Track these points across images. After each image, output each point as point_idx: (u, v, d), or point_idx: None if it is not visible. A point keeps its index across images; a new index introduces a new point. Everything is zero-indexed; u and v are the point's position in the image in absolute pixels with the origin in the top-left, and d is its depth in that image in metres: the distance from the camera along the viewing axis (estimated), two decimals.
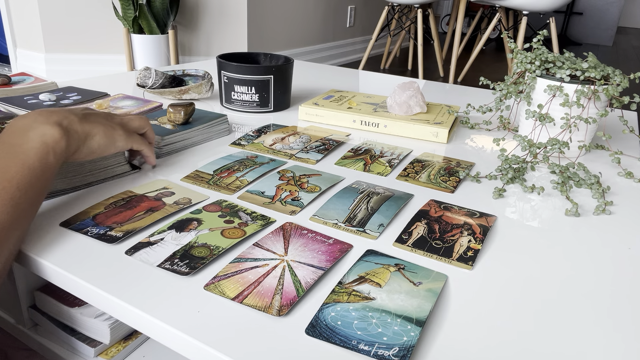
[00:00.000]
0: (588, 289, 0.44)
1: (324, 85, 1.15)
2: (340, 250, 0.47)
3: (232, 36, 2.70)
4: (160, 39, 2.40)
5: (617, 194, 0.66)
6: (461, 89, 1.19)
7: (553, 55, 0.77)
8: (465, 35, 3.86)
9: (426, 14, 3.27)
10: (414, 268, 0.46)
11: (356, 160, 0.71)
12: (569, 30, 5.74)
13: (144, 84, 0.93)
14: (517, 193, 0.64)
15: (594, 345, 0.38)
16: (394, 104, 0.86)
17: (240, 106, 0.91)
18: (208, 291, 0.41)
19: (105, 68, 2.58)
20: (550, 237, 0.53)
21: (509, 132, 0.88)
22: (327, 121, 0.87)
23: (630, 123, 0.90)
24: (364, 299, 0.40)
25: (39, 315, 0.62)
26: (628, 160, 0.78)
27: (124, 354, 0.61)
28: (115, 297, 0.40)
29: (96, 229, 0.49)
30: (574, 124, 0.74)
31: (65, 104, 0.83)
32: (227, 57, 0.94)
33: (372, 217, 0.54)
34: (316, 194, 0.59)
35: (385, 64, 3.61)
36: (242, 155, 0.70)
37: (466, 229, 0.53)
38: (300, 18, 3.14)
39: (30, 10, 2.45)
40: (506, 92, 0.80)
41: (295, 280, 0.42)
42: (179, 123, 0.72)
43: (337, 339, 0.36)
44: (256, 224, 0.51)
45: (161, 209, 0.53)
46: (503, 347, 0.37)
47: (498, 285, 0.44)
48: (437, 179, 0.66)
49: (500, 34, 4.45)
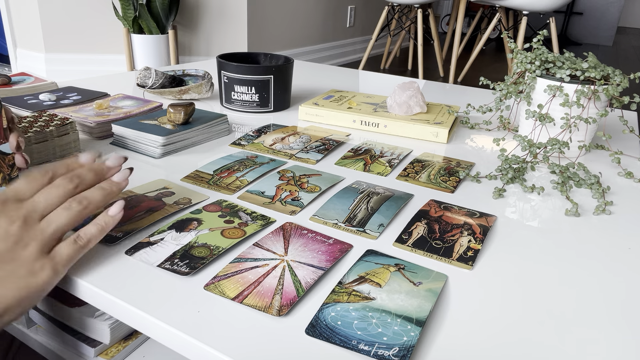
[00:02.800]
0: (588, 289, 0.44)
1: (324, 85, 1.15)
2: (340, 250, 0.47)
3: (232, 36, 2.70)
4: (160, 39, 2.40)
5: (617, 194, 0.66)
6: (461, 89, 1.19)
7: (553, 55, 0.77)
8: (465, 35, 3.86)
9: (426, 14, 3.27)
10: (414, 268, 0.46)
11: (356, 160, 0.71)
12: (569, 30, 5.74)
13: (144, 84, 0.93)
14: (517, 193, 0.64)
15: (593, 344, 0.38)
16: (394, 104, 0.86)
17: (240, 106, 0.91)
18: (208, 291, 0.41)
19: (105, 68, 2.58)
20: (550, 237, 0.53)
21: (509, 132, 0.88)
22: (327, 121, 0.87)
23: (630, 123, 0.90)
24: (364, 299, 0.40)
25: (40, 315, 0.62)
26: (628, 160, 0.78)
27: (124, 354, 0.61)
28: (115, 297, 0.40)
29: None
30: (574, 124, 0.74)
31: (65, 103, 0.83)
32: (227, 57, 0.94)
33: (372, 217, 0.54)
34: (316, 194, 0.59)
35: (385, 64, 3.61)
36: (242, 155, 0.70)
37: (466, 229, 0.53)
38: (300, 18, 3.14)
39: (30, 10, 2.45)
40: (506, 92, 0.80)
41: (295, 280, 0.42)
42: (179, 123, 0.72)
43: (337, 339, 0.36)
44: (256, 224, 0.51)
45: (161, 209, 0.53)
46: (503, 346, 0.37)
47: (498, 285, 0.44)
48: (437, 179, 0.66)
49: (500, 34, 4.44)
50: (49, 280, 0.37)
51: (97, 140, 0.73)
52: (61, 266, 0.39)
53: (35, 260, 0.37)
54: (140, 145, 0.69)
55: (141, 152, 0.69)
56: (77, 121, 0.73)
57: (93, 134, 0.74)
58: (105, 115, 0.76)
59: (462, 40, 3.58)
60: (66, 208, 0.40)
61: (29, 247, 0.37)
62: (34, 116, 0.67)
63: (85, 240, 0.40)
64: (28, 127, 0.63)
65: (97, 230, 0.41)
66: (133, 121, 0.72)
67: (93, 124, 0.73)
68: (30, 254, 0.37)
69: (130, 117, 0.77)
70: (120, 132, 0.71)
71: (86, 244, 0.41)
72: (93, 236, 0.41)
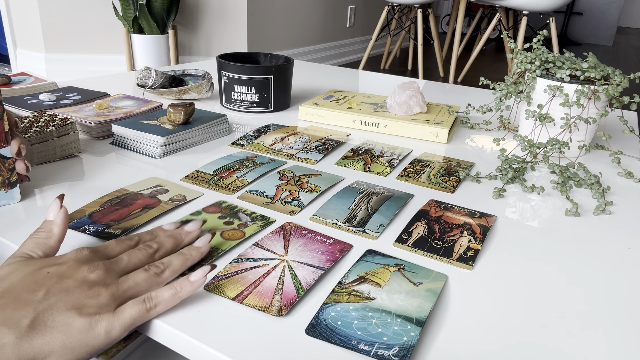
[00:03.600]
0: (588, 289, 0.44)
1: (324, 85, 1.15)
2: (340, 250, 0.47)
3: (232, 36, 2.70)
4: (160, 39, 2.40)
5: (617, 194, 0.66)
6: (461, 89, 1.19)
7: (553, 55, 0.77)
8: (465, 35, 3.86)
9: (426, 14, 3.27)
10: (414, 268, 0.46)
11: (356, 160, 0.71)
12: (569, 30, 5.74)
13: (144, 84, 0.93)
14: (517, 193, 0.64)
15: (593, 344, 0.38)
16: (394, 104, 0.86)
17: (240, 106, 0.91)
18: (208, 291, 0.41)
19: (105, 68, 2.58)
20: (550, 237, 0.53)
21: (509, 132, 0.88)
22: (327, 121, 0.87)
23: (630, 123, 0.90)
24: (364, 299, 0.40)
25: None
26: (628, 160, 0.78)
27: (124, 354, 0.61)
28: None
29: (93, 226, 0.49)
30: (574, 124, 0.74)
31: (65, 103, 0.83)
32: (227, 57, 0.94)
33: (372, 217, 0.54)
34: (316, 194, 0.59)
35: (385, 64, 3.61)
36: (242, 155, 0.70)
37: (466, 229, 0.53)
38: (300, 18, 3.14)
39: (30, 10, 2.45)
40: (506, 92, 0.80)
41: (295, 280, 0.42)
42: (179, 123, 0.72)
43: (337, 339, 0.36)
44: (256, 225, 0.51)
45: (157, 206, 0.53)
46: (503, 346, 0.37)
47: (498, 285, 0.44)
48: (437, 179, 0.66)
49: (500, 34, 4.44)
50: (103, 338, 0.34)
51: (97, 140, 0.73)
52: (119, 326, 0.35)
53: (98, 312, 0.34)
54: (140, 145, 0.69)
55: (141, 152, 0.69)
56: (77, 121, 0.73)
57: (93, 134, 0.74)
58: (105, 115, 0.76)
59: (462, 40, 3.58)
60: (145, 270, 0.39)
61: (99, 297, 0.35)
62: (34, 116, 0.67)
63: (154, 302, 0.37)
64: (28, 127, 0.63)
65: (170, 294, 0.37)
66: (133, 121, 0.72)
67: (93, 124, 0.73)
68: (96, 303, 0.35)
69: (130, 117, 0.77)
70: (120, 132, 0.71)
71: (154, 306, 0.36)
72: (164, 300, 0.37)
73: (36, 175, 0.60)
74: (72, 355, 0.33)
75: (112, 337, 0.34)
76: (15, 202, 0.53)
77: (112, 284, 0.36)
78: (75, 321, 0.33)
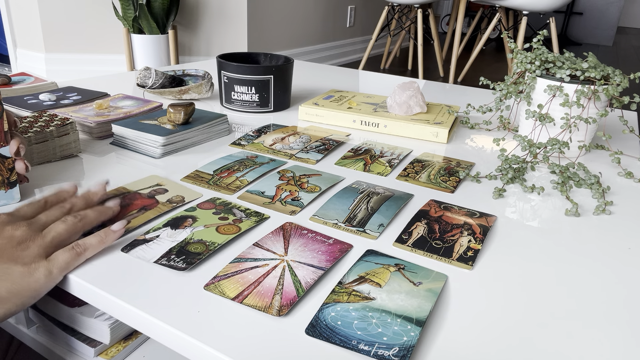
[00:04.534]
0: (588, 289, 0.44)
1: (324, 85, 1.15)
2: (340, 250, 0.47)
3: (232, 36, 2.70)
4: (160, 39, 2.40)
5: (617, 194, 0.66)
6: (461, 89, 1.19)
7: (553, 55, 0.77)
8: (465, 35, 3.86)
9: (426, 14, 3.27)
10: (414, 268, 0.46)
11: (356, 160, 0.71)
12: (569, 30, 5.74)
13: (144, 84, 0.93)
14: (517, 193, 0.64)
15: (593, 344, 0.38)
16: (394, 104, 0.86)
17: (240, 106, 0.91)
18: (208, 291, 0.41)
19: (105, 68, 2.58)
20: (550, 237, 0.53)
21: (509, 132, 0.88)
22: (327, 121, 0.87)
23: (630, 123, 0.90)
24: (364, 299, 0.40)
25: (39, 315, 0.62)
26: (628, 160, 0.78)
27: (124, 354, 0.61)
28: (114, 297, 0.40)
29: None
30: (574, 124, 0.74)
31: (65, 103, 0.83)
32: (227, 57, 0.94)
33: (372, 217, 0.54)
34: (316, 194, 0.59)
35: (385, 64, 3.61)
36: (242, 155, 0.70)
37: (466, 229, 0.53)
38: (300, 18, 3.14)
39: (30, 10, 2.45)
40: (506, 92, 0.80)
41: (295, 280, 0.42)
42: (179, 123, 0.72)
43: (337, 339, 0.36)
44: (250, 220, 0.51)
45: (154, 207, 0.53)
46: (503, 346, 0.37)
47: (498, 285, 0.44)
48: (437, 179, 0.66)
49: (500, 34, 4.44)
50: (43, 281, 0.40)
51: (97, 140, 0.73)
52: (56, 269, 0.41)
53: (33, 261, 0.40)
54: (140, 145, 0.69)
55: (141, 152, 0.69)
56: (77, 121, 0.73)
57: (93, 134, 0.74)
58: (105, 115, 0.76)
59: (462, 40, 3.58)
60: (63, 221, 0.44)
61: (29, 249, 0.41)
62: (34, 116, 0.67)
63: (82, 248, 0.43)
64: (28, 127, 0.63)
65: (96, 241, 0.44)
66: (133, 121, 0.72)
67: (93, 124, 0.73)
68: (29, 254, 0.40)
69: (130, 117, 0.77)
70: (120, 132, 0.71)
71: (83, 251, 0.43)
72: (91, 245, 0.44)
73: (36, 175, 0.60)
74: (19, 299, 0.39)
75: (52, 279, 0.40)
76: (15, 202, 0.53)
77: (37, 237, 0.42)
78: (15, 269, 0.39)
